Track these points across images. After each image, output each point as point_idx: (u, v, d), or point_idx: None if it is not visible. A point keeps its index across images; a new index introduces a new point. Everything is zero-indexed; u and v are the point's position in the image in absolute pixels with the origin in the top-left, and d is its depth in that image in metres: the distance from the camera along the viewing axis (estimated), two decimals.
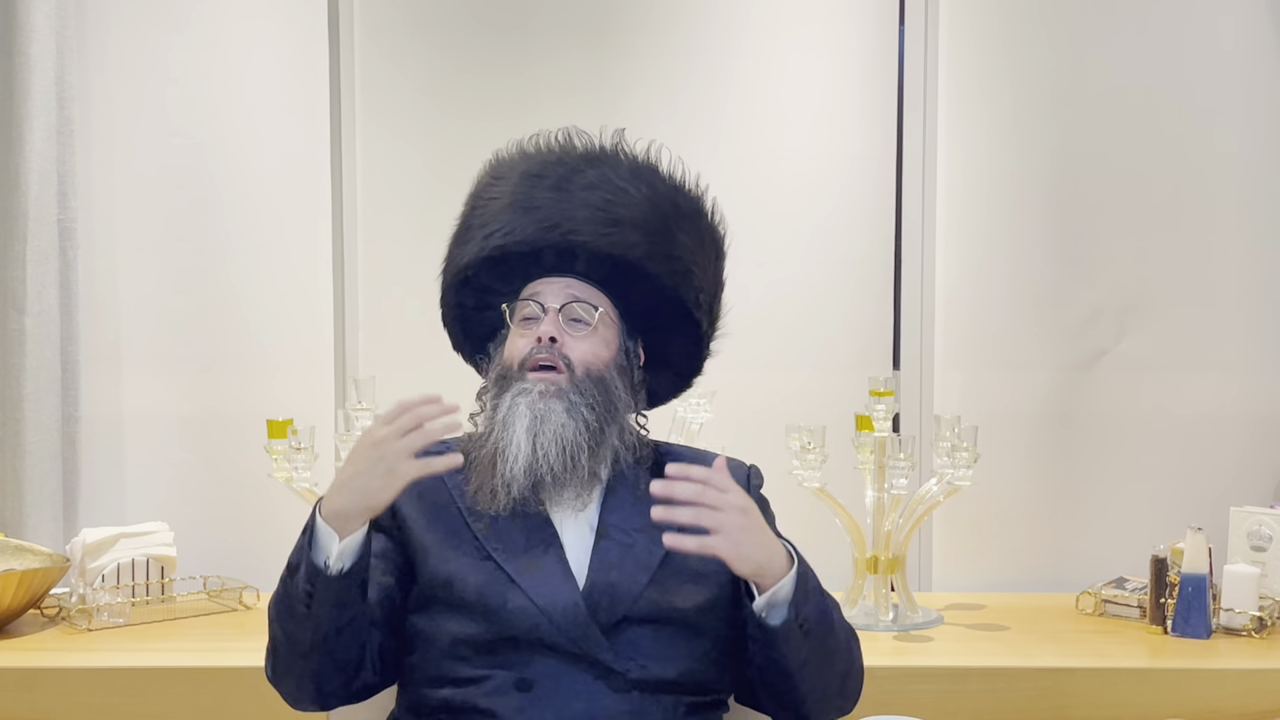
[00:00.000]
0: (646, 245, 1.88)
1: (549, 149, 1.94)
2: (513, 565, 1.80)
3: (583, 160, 1.92)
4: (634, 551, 1.83)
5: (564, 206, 1.87)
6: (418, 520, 1.86)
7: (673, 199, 1.93)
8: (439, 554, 1.83)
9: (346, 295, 3.13)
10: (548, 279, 1.90)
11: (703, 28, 3.07)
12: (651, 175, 1.93)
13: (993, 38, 3.06)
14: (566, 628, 1.76)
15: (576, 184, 1.89)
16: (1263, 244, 3.07)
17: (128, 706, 2.46)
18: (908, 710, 2.07)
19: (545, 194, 1.89)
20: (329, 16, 3.08)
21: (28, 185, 2.93)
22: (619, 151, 1.93)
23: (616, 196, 1.88)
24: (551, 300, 1.89)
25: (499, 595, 1.78)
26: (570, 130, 1.95)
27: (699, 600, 1.83)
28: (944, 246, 3.10)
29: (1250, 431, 3.08)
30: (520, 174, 1.92)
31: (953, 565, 3.11)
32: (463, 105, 3.08)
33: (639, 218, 1.88)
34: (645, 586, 1.80)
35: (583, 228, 1.86)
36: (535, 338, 1.86)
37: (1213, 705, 2.45)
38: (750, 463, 2.01)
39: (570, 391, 1.84)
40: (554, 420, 1.82)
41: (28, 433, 2.95)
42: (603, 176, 1.89)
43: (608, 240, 1.87)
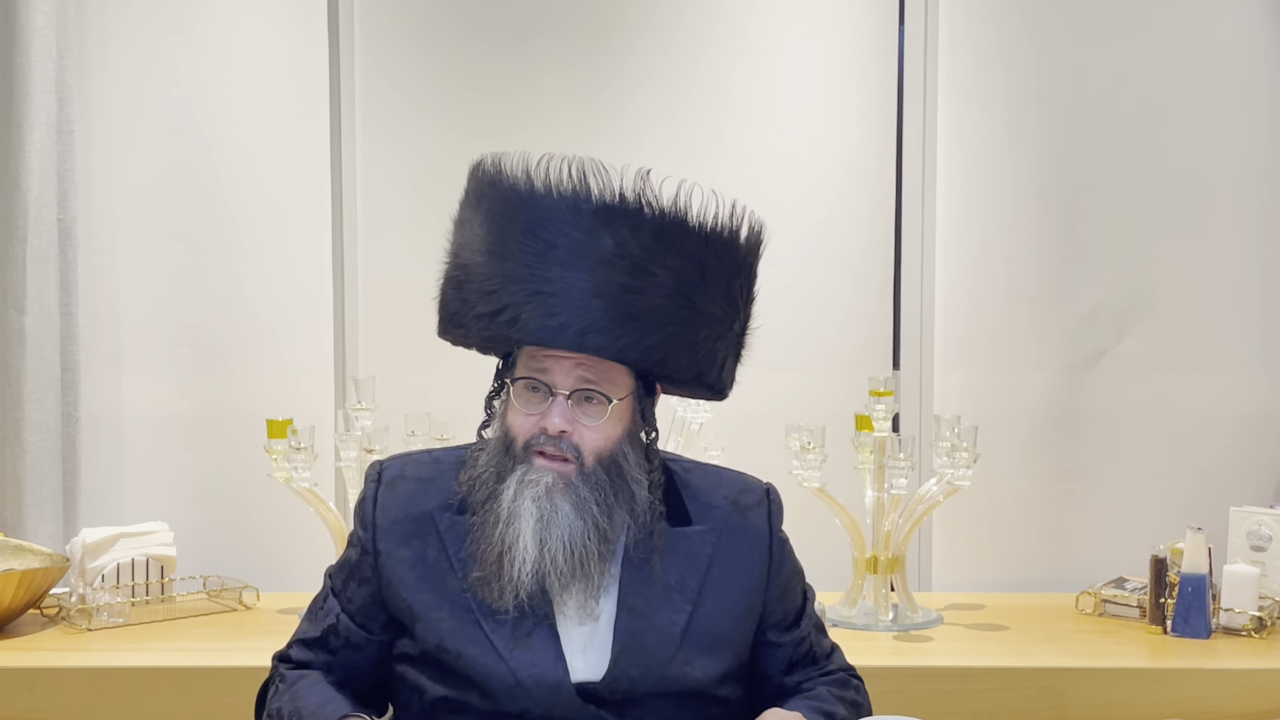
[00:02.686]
0: (665, 344, 1.72)
1: (559, 191, 1.70)
2: (501, 637, 1.74)
3: (598, 219, 1.69)
4: (656, 624, 1.77)
5: (577, 297, 1.68)
6: (406, 576, 1.79)
7: (701, 263, 1.73)
8: (427, 619, 1.77)
9: (346, 295, 3.13)
10: (556, 355, 1.73)
11: (703, 28, 3.07)
12: (678, 236, 1.71)
13: (993, 38, 3.06)
14: (555, 711, 1.73)
15: (591, 258, 1.68)
16: (1262, 244, 3.07)
17: (128, 706, 2.46)
18: (908, 710, 2.07)
19: (555, 270, 1.69)
20: (329, 16, 3.08)
21: (28, 185, 2.93)
22: (642, 204, 1.71)
23: (636, 279, 1.69)
24: (561, 383, 1.73)
25: (488, 671, 1.74)
26: (585, 167, 1.71)
27: (717, 671, 1.79)
28: (944, 246, 3.10)
29: (1250, 431, 3.08)
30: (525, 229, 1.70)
31: (952, 565, 3.11)
32: (463, 105, 3.08)
33: (660, 307, 1.70)
34: (668, 664, 1.76)
35: (595, 326, 1.68)
36: (540, 425, 1.73)
37: (1213, 705, 2.45)
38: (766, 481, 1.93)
39: (580, 485, 1.73)
40: (561, 521, 1.73)
41: (28, 433, 2.95)
42: (621, 247, 1.69)
43: (622, 343, 1.70)
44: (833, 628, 1.99)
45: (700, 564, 1.81)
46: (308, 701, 1.78)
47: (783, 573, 1.88)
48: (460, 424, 2.66)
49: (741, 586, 1.83)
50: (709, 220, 1.74)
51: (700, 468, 1.94)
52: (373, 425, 2.79)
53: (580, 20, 3.07)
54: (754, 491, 1.90)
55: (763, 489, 1.91)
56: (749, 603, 1.83)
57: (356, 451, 2.76)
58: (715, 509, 1.86)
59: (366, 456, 2.72)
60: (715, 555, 1.83)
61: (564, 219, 1.70)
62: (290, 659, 1.88)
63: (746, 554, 1.85)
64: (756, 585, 1.84)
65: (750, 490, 1.90)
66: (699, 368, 1.78)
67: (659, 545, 1.79)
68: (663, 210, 1.71)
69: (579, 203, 1.70)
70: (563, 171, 1.71)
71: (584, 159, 1.72)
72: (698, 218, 1.73)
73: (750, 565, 1.84)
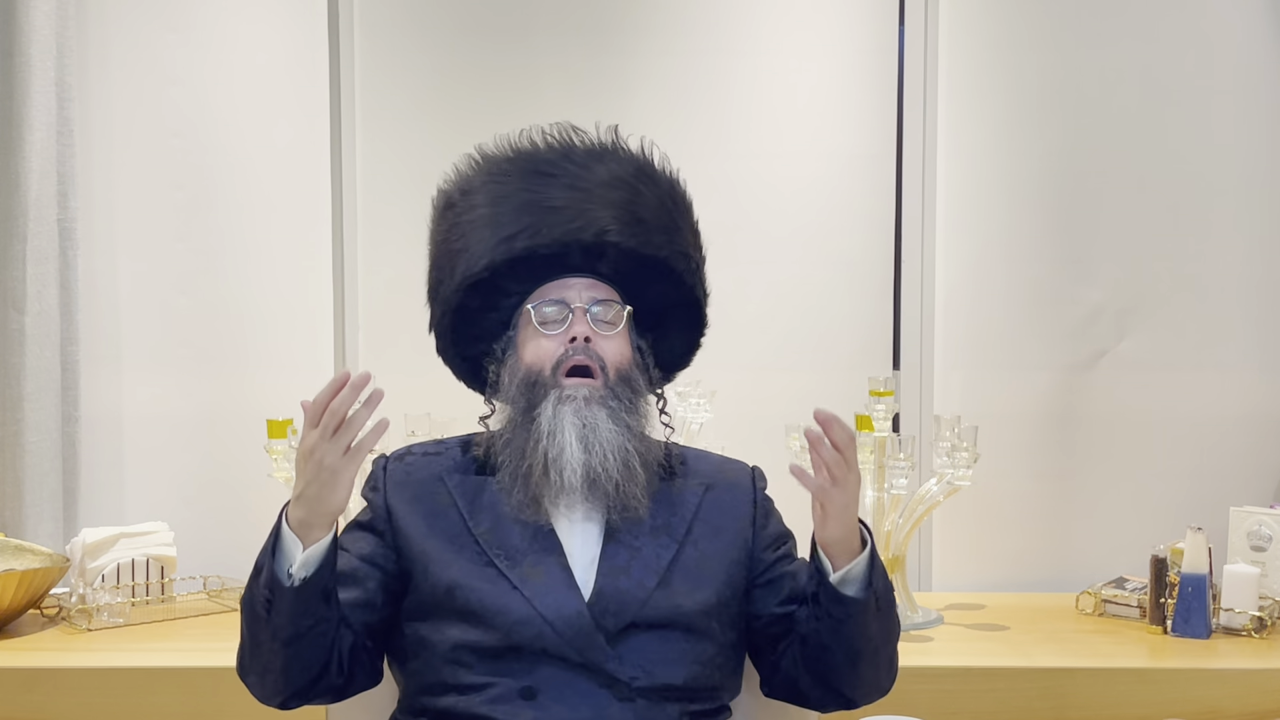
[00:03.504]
0: (667, 246, 1.87)
1: (549, 145, 1.90)
2: (515, 572, 1.78)
3: (589, 156, 1.88)
4: (642, 555, 1.81)
5: (588, 205, 1.84)
6: (416, 526, 1.83)
7: (672, 195, 1.92)
8: (440, 560, 1.80)
9: (346, 295, 3.13)
10: (567, 280, 1.86)
11: (703, 28, 3.07)
12: (652, 171, 1.91)
13: (993, 38, 3.06)
14: (570, 637, 1.74)
15: (592, 181, 1.86)
16: (1262, 244, 3.07)
17: (128, 706, 2.46)
18: (908, 710, 2.06)
19: (563, 192, 1.85)
20: (329, 16, 3.08)
21: (28, 185, 2.93)
22: (618, 148, 1.91)
23: (632, 195, 1.86)
24: (576, 301, 1.85)
25: (502, 603, 1.76)
26: (564, 126, 1.91)
27: (704, 603, 1.82)
28: (944, 247, 3.10)
29: (1250, 431, 3.08)
30: (524, 171, 1.87)
31: (953, 565, 3.11)
32: (463, 105, 3.08)
33: (654, 216, 1.87)
34: (652, 591, 1.79)
35: (613, 227, 1.83)
36: (567, 338, 1.83)
37: (1213, 705, 2.45)
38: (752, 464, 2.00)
39: (609, 397, 1.82)
40: (603, 427, 1.80)
41: (28, 433, 2.95)
42: (613, 174, 1.87)
43: (637, 239, 1.85)
44: None
45: (687, 511, 1.87)
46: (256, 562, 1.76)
47: (769, 524, 1.92)
48: (460, 424, 2.65)
49: (728, 533, 1.88)
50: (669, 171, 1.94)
51: (688, 447, 2.01)
52: (372, 425, 2.78)
53: (581, 20, 3.07)
54: (739, 464, 1.98)
55: (748, 465, 1.99)
56: (736, 549, 1.87)
57: None
58: (702, 471, 1.93)
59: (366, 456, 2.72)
60: (702, 504, 1.88)
61: (557, 162, 1.87)
62: None
63: (732, 506, 1.90)
64: (743, 534, 1.88)
65: (735, 463, 1.98)
66: (693, 280, 1.91)
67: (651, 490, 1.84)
68: (634, 154, 1.92)
69: (569, 149, 1.89)
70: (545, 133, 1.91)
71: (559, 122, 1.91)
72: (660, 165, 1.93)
73: (736, 516, 1.90)
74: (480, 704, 1.75)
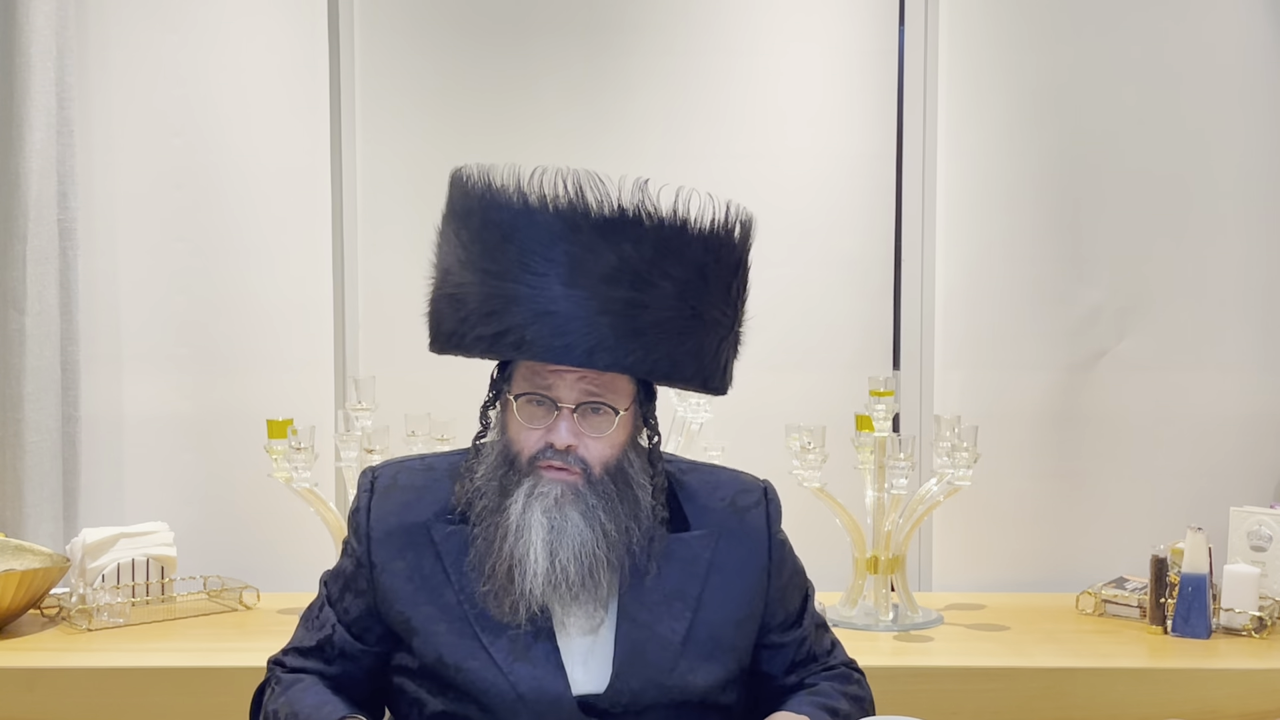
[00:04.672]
0: (673, 354, 1.71)
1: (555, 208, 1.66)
2: (501, 650, 1.73)
3: (599, 235, 1.66)
4: (657, 634, 1.76)
5: (581, 315, 1.66)
6: (402, 589, 1.78)
7: (702, 270, 1.71)
8: (425, 632, 1.76)
9: (346, 295, 3.13)
10: (560, 369, 1.71)
11: (703, 28, 3.07)
12: (679, 244, 1.69)
13: (993, 38, 3.06)
14: None
15: (594, 275, 1.65)
16: (1263, 243, 3.07)
17: (128, 706, 2.46)
18: (908, 710, 2.06)
19: (558, 288, 1.66)
20: (329, 16, 3.08)
21: (28, 185, 2.93)
22: (642, 215, 1.67)
23: (640, 293, 1.67)
24: (565, 397, 1.71)
25: (488, 684, 1.72)
26: (581, 180, 1.67)
27: (719, 678, 1.79)
28: (944, 246, 3.10)
29: (1250, 431, 3.08)
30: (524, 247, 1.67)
31: (953, 565, 3.11)
32: (463, 105, 3.08)
33: (666, 319, 1.69)
34: (670, 673, 1.75)
35: (607, 344, 1.67)
36: (547, 440, 1.72)
37: (1213, 705, 2.45)
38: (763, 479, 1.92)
39: (588, 494, 1.72)
40: (571, 531, 1.71)
41: (28, 433, 2.95)
42: (624, 262, 1.66)
43: (632, 359, 1.68)
44: (833, 628, 1.99)
45: (699, 569, 1.80)
46: (304, 703, 1.77)
47: (783, 574, 1.87)
48: (460, 424, 2.65)
49: (742, 590, 1.82)
50: (706, 224, 1.72)
51: (696, 469, 1.92)
52: (373, 425, 2.79)
53: (580, 20, 3.07)
54: (752, 491, 1.89)
55: (760, 488, 1.89)
56: (750, 607, 1.82)
57: (356, 451, 2.76)
58: (713, 511, 1.84)
59: (366, 457, 2.72)
60: (714, 560, 1.81)
61: (563, 236, 1.66)
62: (285, 665, 1.87)
63: (746, 557, 1.83)
64: (757, 588, 1.83)
65: (748, 490, 1.89)
66: (705, 374, 1.77)
67: (657, 552, 1.78)
68: (662, 220, 1.68)
69: (577, 219, 1.66)
70: (558, 186, 1.67)
71: (579, 171, 1.68)
72: (695, 224, 1.71)
73: (750, 568, 1.83)
74: None
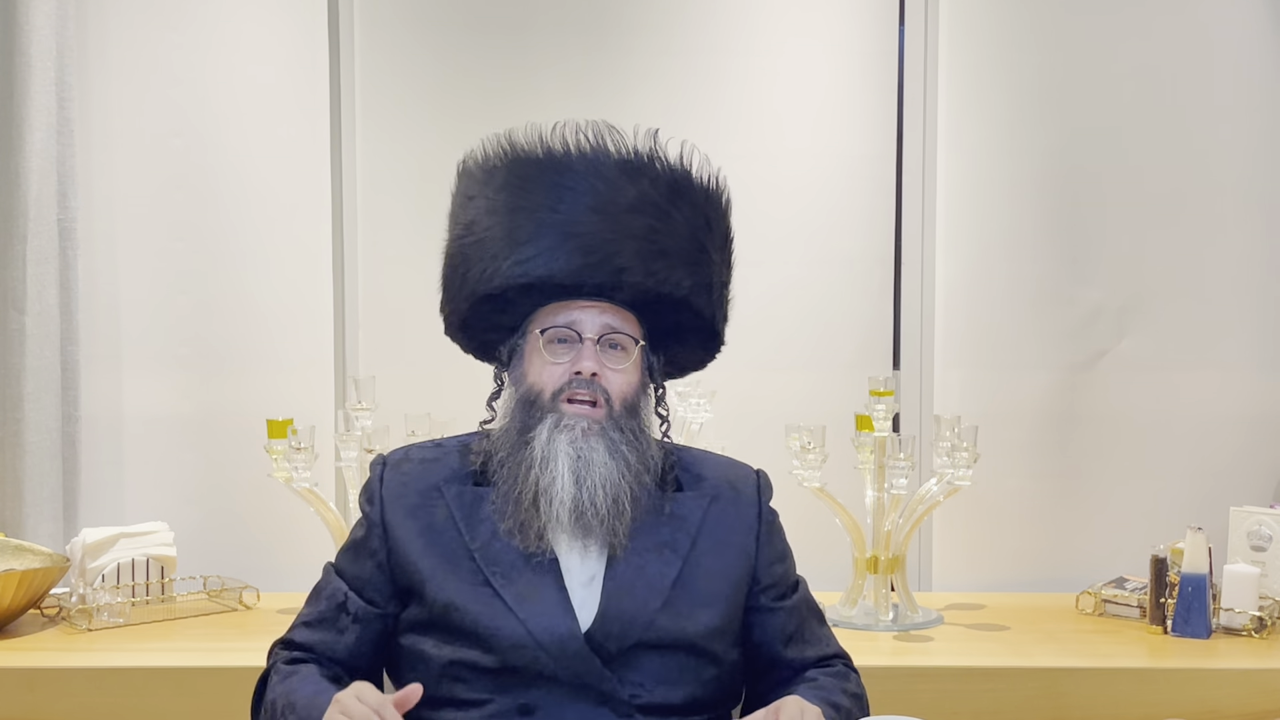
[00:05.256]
0: (689, 280, 1.83)
1: (579, 150, 1.82)
2: (511, 592, 1.76)
3: (620, 172, 1.81)
4: (646, 574, 1.80)
5: (609, 234, 1.79)
6: (413, 543, 1.82)
7: (705, 213, 1.86)
8: (436, 580, 1.79)
9: (346, 295, 3.13)
10: (582, 303, 1.82)
11: (703, 27, 3.07)
12: (687, 187, 1.85)
13: (993, 38, 3.06)
14: (565, 662, 1.74)
15: (619, 204, 1.80)
16: (1262, 243, 3.07)
17: (128, 706, 2.46)
18: (908, 710, 2.07)
19: (586, 216, 1.79)
20: (329, 16, 3.08)
21: (28, 185, 2.93)
22: (654, 160, 1.84)
23: (659, 221, 1.81)
24: (588, 329, 1.82)
25: (497, 625, 1.75)
26: (601, 128, 1.83)
27: (709, 625, 1.81)
28: (944, 246, 3.10)
29: (1250, 431, 3.08)
30: (549, 182, 1.81)
31: (953, 565, 3.11)
32: (463, 105, 3.08)
33: (681, 248, 1.82)
34: (657, 612, 1.78)
35: (632, 264, 1.79)
36: (573, 369, 1.80)
37: (1213, 705, 2.45)
38: (757, 467, 1.98)
39: (610, 429, 1.79)
40: (598, 462, 1.78)
41: (28, 433, 2.95)
42: (644, 195, 1.81)
43: (656, 278, 1.80)
44: (833, 627, 1.99)
45: (691, 525, 1.85)
46: (301, 694, 1.77)
47: (773, 542, 1.91)
48: (460, 424, 2.65)
49: (732, 549, 1.86)
50: (705, 178, 1.88)
51: (692, 450, 1.99)
52: (373, 425, 2.79)
53: (580, 18, 3.07)
54: (745, 471, 1.96)
55: (753, 471, 1.96)
56: (739, 566, 1.86)
57: (356, 451, 2.76)
58: (707, 481, 1.91)
59: (366, 456, 2.72)
60: (706, 519, 1.86)
61: (589, 173, 1.81)
62: (292, 643, 1.88)
63: (736, 520, 1.89)
64: (746, 550, 1.87)
65: (741, 470, 1.96)
66: (713, 309, 1.87)
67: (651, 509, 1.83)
68: (672, 166, 1.85)
69: (600, 159, 1.82)
70: (579, 135, 1.83)
71: (596, 122, 1.83)
72: (698, 175, 1.87)
73: (740, 530, 1.88)
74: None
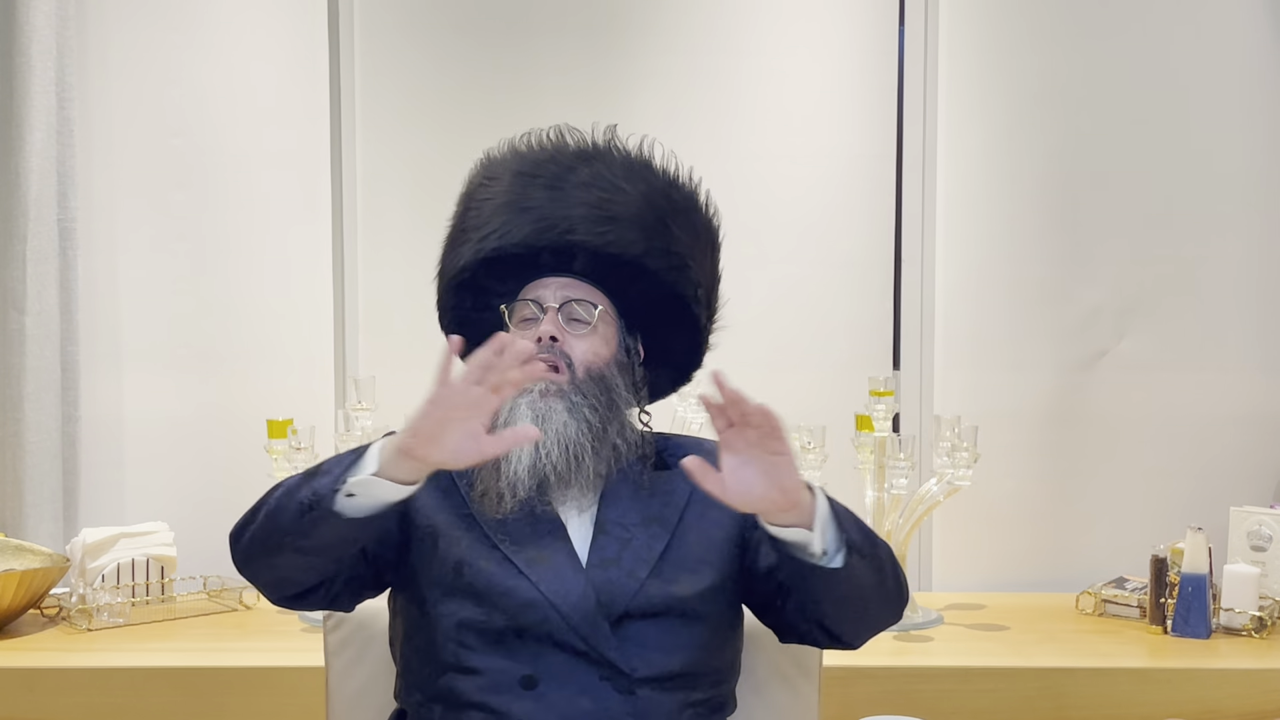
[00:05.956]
0: (643, 242, 1.87)
1: (541, 147, 1.93)
2: (521, 556, 1.79)
3: (576, 158, 1.90)
4: (633, 546, 1.82)
5: (559, 206, 1.87)
6: (425, 501, 1.83)
7: (667, 194, 1.91)
8: (449, 536, 1.81)
9: (346, 295, 3.13)
10: (545, 279, 1.89)
11: (703, 28, 3.07)
12: (646, 171, 1.92)
13: (993, 38, 3.06)
14: (576, 622, 1.75)
15: (571, 182, 1.88)
16: (1262, 243, 3.07)
17: (128, 706, 2.46)
18: (908, 710, 2.07)
19: (539, 193, 1.88)
20: (329, 17, 3.08)
21: (28, 185, 2.93)
22: (612, 148, 1.92)
23: (612, 194, 1.88)
24: (550, 300, 1.88)
25: (508, 585, 1.77)
26: (562, 128, 1.93)
27: (700, 587, 1.82)
28: (944, 247, 3.10)
29: (1250, 431, 3.08)
30: (513, 173, 1.91)
31: (953, 565, 3.11)
32: (463, 105, 3.08)
33: (634, 214, 1.87)
34: (645, 580, 1.79)
35: (579, 226, 1.85)
36: (535, 338, 1.84)
37: (1213, 705, 2.45)
38: None
39: (571, 392, 1.82)
40: (556, 419, 1.81)
41: (28, 433, 2.95)
42: (597, 174, 1.89)
43: (603, 239, 1.86)
44: None
45: (679, 499, 1.87)
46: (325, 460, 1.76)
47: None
48: None
49: (719, 517, 1.85)
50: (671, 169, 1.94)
51: (680, 436, 2.02)
52: (373, 425, 2.78)
53: (581, 20, 3.07)
54: None
55: None
56: (729, 527, 1.86)
57: None
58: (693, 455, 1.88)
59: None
60: (694, 494, 1.84)
61: (546, 161, 1.91)
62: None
63: None
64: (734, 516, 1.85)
65: None
66: (674, 279, 1.89)
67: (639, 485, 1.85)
68: (629, 152, 1.93)
69: (558, 151, 1.92)
70: (541, 136, 1.94)
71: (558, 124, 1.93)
72: (660, 165, 1.93)
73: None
74: (479, 690, 1.75)
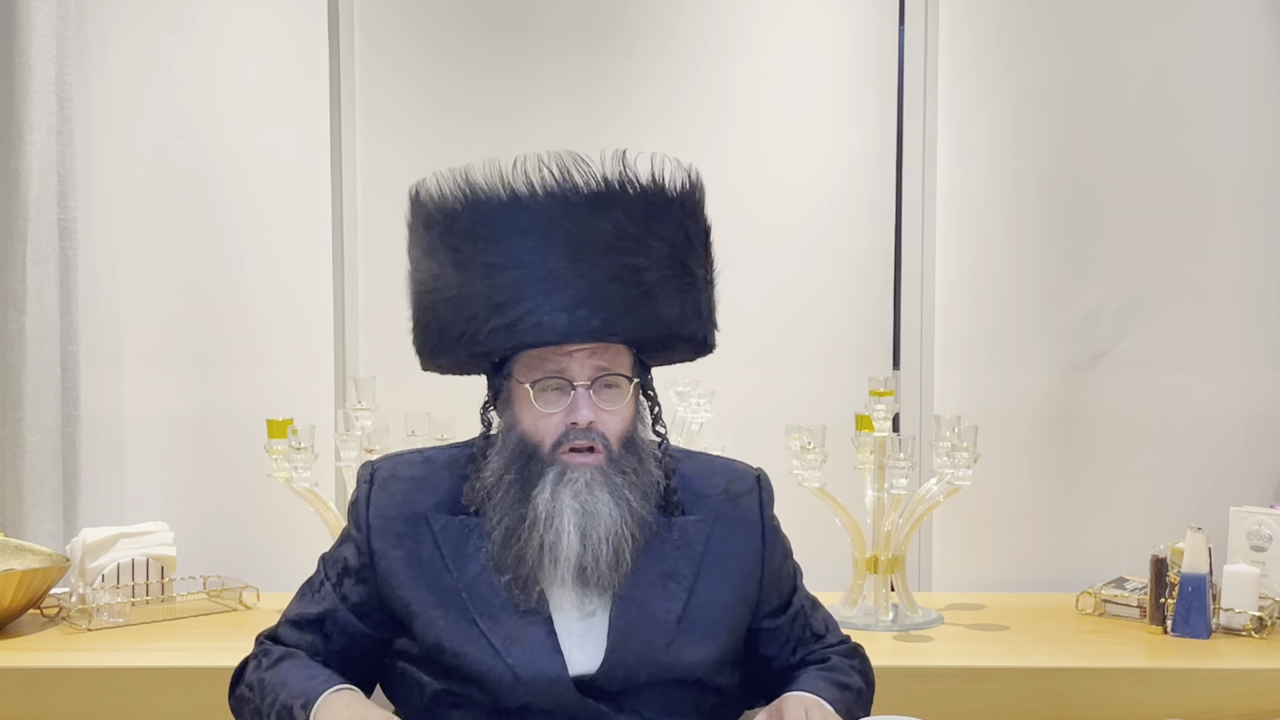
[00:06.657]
0: (679, 309, 1.77)
1: (545, 190, 1.72)
2: (499, 635, 1.74)
3: (590, 208, 1.72)
4: (650, 610, 1.77)
5: (591, 285, 1.70)
6: (400, 576, 1.79)
7: (684, 228, 1.78)
8: (425, 617, 1.77)
9: (346, 295, 3.13)
10: (568, 349, 1.73)
11: (703, 28, 3.07)
12: (663, 206, 1.76)
13: (993, 37, 3.06)
14: (554, 705, 1.73)
15: (594, 245, 1.71)
16: (1262, 243, 3.07)
17: (128, 706, 2.46)
18: (908, 710, 2.06)
19: (563, 265, 1.70)
20: (329, 17, 3.08)
21: (28, 185, 2.93)
22: (626, 185, 1.74)
23: (640, 257, 1.72)
24: (580, 376, 1.74)
25: (487, 667, 1.73)
26: (565, 160, 1.73)
27: (712, 657, 1.80)
28: (944, 246, 3.10)
29: (1250, 431, 3.08)
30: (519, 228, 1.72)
31: (953, 565, 3.11)
32: (463, 105, 3.08)
33: (666, 278, 1.75)
34: (663, 651, 1.76)
35: (620, 316, 1.71)
36: (569, 420, 1.73)
37: (1213, 705, 2.45)
38: (756, 466, 1.95)
39: (613, 472, 1.74)
40: (603, 513, 1.73)
41: (28, 433, 2.95)
42: (618, 228, 1.72)
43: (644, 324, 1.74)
44: None
45: (694, 552, 1.82)
46: (295, 675, 1.77)
47: (775, 558, 1.89)
48: (460, 424, 2.66)
49: (736, 573, 1.84)
50: (678, 188, 1.78)
51: (691, 456, 1.94)
52: (373, 425, 2.79)
53: (581, 20, 3.07)
54: (745, 479, 1.91)
55: (753, 475, 1.92)
56: (743, 590, 1.84)
57: (357, 451, 2.76)
58: (708, 498, 1.87)
59: (366, 456, 2.72)
60: (709, 543, 1.83)
61: (558, 215, 1.71)
62: (278, 639, 1.87)
63: (740, 542, 1.86)
64: (751, 573, 1.85)
65: (741, 477, 1.91)
66: (705, 330, 1.82)
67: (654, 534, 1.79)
68: (643, 187, 1.75)
69: (568, 197, 1.72)
70: (542, 171, 1.73)
71: (558, 154, 1.73)
72: (671, 188, 1.77)
73: (744, 553, 1.85)
74: None
